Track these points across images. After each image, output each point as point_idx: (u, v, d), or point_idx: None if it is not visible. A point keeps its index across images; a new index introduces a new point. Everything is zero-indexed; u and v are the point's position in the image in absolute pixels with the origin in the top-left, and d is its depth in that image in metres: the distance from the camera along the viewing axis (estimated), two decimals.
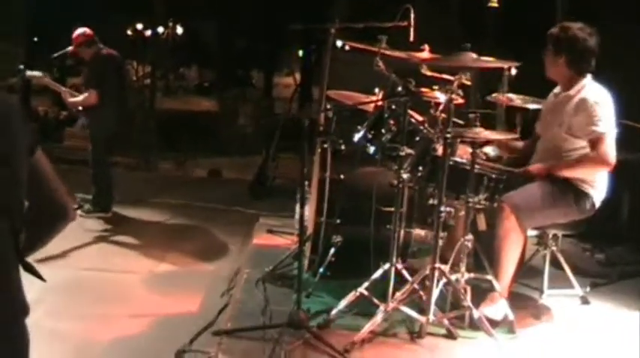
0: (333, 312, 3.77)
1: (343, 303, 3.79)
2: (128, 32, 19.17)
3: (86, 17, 8.16)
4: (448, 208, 3.80)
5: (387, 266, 3.80)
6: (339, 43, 5.59)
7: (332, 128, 4.61)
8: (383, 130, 4.11)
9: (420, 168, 4.08)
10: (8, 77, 8.79)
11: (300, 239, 3.85)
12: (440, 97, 4.20)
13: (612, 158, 3.83)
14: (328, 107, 4.70)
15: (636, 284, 4.82)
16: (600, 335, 3.95)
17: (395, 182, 3.88)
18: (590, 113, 3.84)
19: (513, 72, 4.42)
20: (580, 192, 3.94)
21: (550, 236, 4.25)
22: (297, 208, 4.65)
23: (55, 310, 4.19)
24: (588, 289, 4.50)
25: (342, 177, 4.40)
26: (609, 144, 3.83)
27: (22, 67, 6.75)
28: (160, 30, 10.93)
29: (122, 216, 6.68)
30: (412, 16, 4.33)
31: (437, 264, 3.66)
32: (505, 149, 4.30)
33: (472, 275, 3.81)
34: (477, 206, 3.84)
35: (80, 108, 6.63)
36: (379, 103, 4.23)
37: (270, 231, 5.62)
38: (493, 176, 3.90)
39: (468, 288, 3.77)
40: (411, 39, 4.36)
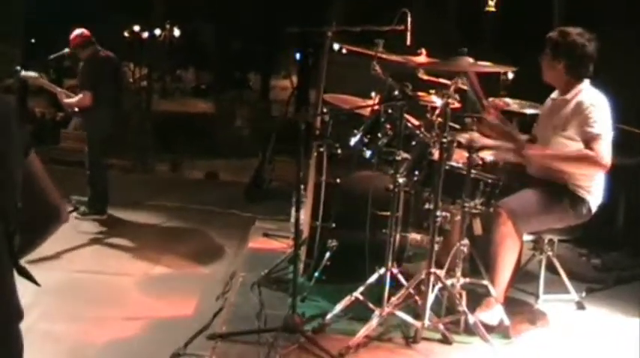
0: (328, 316, 3.76)
1: (338, 307, 3.78)
2: (125, 34, 19.16)
3: (84, 18, 8.15)
4: (444, 213, 3.79)
5: (383, 270, 3.80)
6: (337, 46, 5.59)
7: (328, 132, 4.61)
8: (379, 134, 4.10)
9: (417, 172, 4.07)
10: (5, 78, 8.77)
11: (295, 243, 3.84)
12: (436, 102, 4.20)
13: (607, 159, 3.80)
14: (325, 111, 4.69)
15: (632, 289, 4.82)
16: (596, 340, 3.94)
17: (391, 186, 3.88)
18: (585, 115, 3.83)
19: (510, 76, 4.41)
20: (576, 198, 3.93)
21: (546, 241, 4.25)
22: (292, 211, 4.64)
23: (50, 312, 4.17)
24: (584, 294, 4.49)
25: (338, 180, 4.40)
26: (604, 145, 3.81)
27: (18, 68, 6.74)
28: (157, 32, 10.93)
29: (117, 219, 6.67)
30: (409, 20, 4.33)
31: (432, 269, 3.65)
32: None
33: (468, 280, 3.81)
34: (473, 211, 3.84)
35: (76, 109, 6.61)
36: (376, 107, 4.22)
37: (265, 235, 5.61)
38: (489, 181, 3.90)
39: (464, 293, 3.76)
40: (408, 43, 4.35)
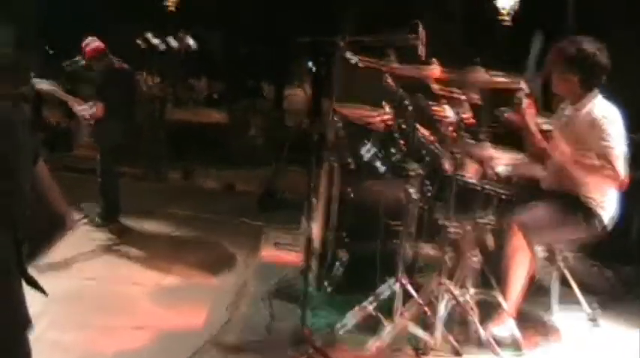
0: (338, 328, 3.74)
1: (348, 319, 3.76)
2: (138, 42, 19.21)
3: (97, 27, 8.18)
4: (456, 227, 3.77)
5: (393, 282, 3.77)
6: (354, 60, 5.55)
7: (340, 143, 4.59)
8: (393, 150, 4.08)
9: (430, 186, 4.05)
10: (21, 86, 8.81)
11: (306, 254, 3.83)
12: (449, 114, 4.16)
13: (622, 173, 3.78)
14: (338, 122, 4.67)
15: None
16: (609, 355, 3.90)
17: (402, 196, 3.86)
18: (599, 130, 3.81)
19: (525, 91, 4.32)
20: (589, 211, 3.90)
21: (559, 254, 4.21)
22: (303, 222, 4.62)
23: (59, 321, 4.16)
24: (597, 308, 4.44)
25: (350, 191, 4.38)
26: (619, 159, 3.79)
27: (31, 76, 6.76)
28: (171, 41, 10.98)
29: (129, 227, 6.66)
30: (421, 31, 4.30)
31: (443, 280, 3.63)
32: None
33: (479, 292, 3.78)
34: (486, 225, 3.81)
35: (88, 117, 6.64)
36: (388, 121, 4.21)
37: (276, 245, 5.59)
38: (503, 196, 3.87)
39: (475, 306, 3.73)
40: (421, 54, 4.32)
